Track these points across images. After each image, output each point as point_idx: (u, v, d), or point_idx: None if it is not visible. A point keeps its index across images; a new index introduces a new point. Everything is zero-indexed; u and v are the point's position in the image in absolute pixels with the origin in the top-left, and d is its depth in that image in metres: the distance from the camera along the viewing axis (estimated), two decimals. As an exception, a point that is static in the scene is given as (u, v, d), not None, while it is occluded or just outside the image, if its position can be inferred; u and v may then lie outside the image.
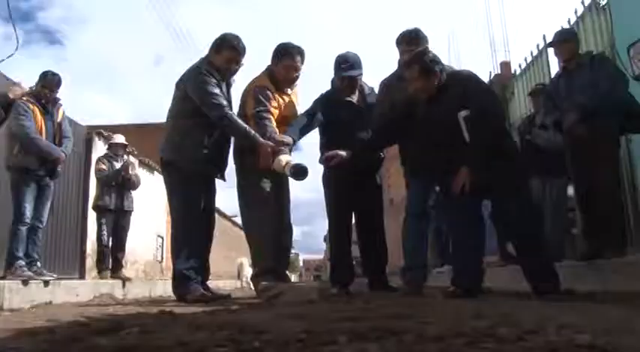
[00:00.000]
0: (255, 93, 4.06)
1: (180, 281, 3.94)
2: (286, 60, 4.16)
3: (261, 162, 3.83)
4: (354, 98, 4.38)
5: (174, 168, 4.03)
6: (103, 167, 6.85)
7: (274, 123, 4.00)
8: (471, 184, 3.21)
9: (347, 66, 4.24)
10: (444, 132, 3.34)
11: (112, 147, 7.20)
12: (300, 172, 3.64)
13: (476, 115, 3.23)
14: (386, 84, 4.22)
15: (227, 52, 3.99)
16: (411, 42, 3.98)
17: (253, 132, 3.87)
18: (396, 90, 3.89)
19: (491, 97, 3.54)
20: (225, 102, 3.91)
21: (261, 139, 3.84)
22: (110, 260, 6.70)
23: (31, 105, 4.90)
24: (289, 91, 4.28)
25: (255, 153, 3.88)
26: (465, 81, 3.40)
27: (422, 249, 4.09)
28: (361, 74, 4.34)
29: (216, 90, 3.87)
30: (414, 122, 3.55)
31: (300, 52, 4.19)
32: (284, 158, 3.75)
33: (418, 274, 4.02)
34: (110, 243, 6.68)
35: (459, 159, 3.27)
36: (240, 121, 3.90)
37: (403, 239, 4.09)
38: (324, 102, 4.33)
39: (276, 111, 4.07)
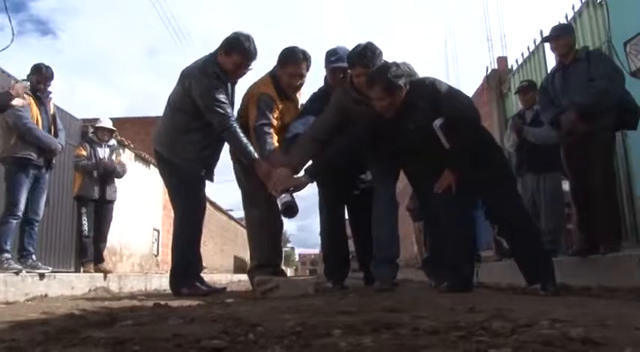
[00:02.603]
0: (258, 102, 3.90)
1: (177, 275, 3.94)
2: (291, 67, 3.96)
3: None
4: None
5: (171, 166, 3.98)
6: (83, 153, 6.38)
7: (275, 138, 3.87)
8: (456, 184, 3.26)
9: (336, 58, 4.04)
10: (418, 143, 3.32)
11: (98, 131, 6.65)
12: (288, 211, 3.51)
13: (453, 121, 3.22)
14: (343, 106, 3.78)
15: (237, 55, 3.80)
16: (367, 62, 3.57)
17: (251, 148, 3.74)
18: (355, 114, 3.66)
19: (463, 99, 3.47)
20: (229, 112, 3.78)
21: (258, 158, 3.70)
22: (92, 251, 6.41)
23: (27, 97, 4.88)
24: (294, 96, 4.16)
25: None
26: (431, 89, 3.33)
27: (395, 240, 3.93)
28: None
29: (222, 97, 3.72)
30: (381, 136, 3.50)
31: (306, 58, 3.99)
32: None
33: (393, 268, 3.90)
34: (92, 234, 6.36)
35: (437, 166, 3.31)
36: (241, 134, 3.75)
37: (378, 230, 3.90)
38: (316, 101, 4.16)
39: (277, 122, 3.92)
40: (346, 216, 4.56)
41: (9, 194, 4.80)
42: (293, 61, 3.96)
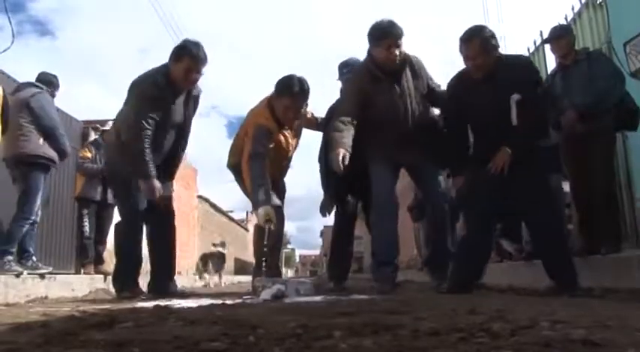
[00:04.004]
0: (255, 132, 3.89)
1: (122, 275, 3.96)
2: (285, 100, 3.89)
3: None
4: None
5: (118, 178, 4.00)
6: (88, 155, 6.42)
7: (267, 163, 3.86)
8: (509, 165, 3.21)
9: (348, 70, 4.12)
10: (493, 114, 3.25)
11: (105, 135, 6.49)
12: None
13: (538, 100, 3.30)
14: (360, 88, 3.74)
15: (187, 60, 3.73)
16: (399, 34, 3.53)
17: (151, 169, 3.70)
18: (373, 92, 3.66)
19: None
20: (148, 133, 3.67)
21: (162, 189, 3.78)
22: (93, 252, 6.44)
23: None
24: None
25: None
26: (530, 68, 3.45)
27: (394, 241, 3.87)
28: None
29: (149, 121, 3.65)
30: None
31: (302, 90, 3.90)
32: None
33: (392, 270, 3.84)
34: (93, 235, 6.42)
35: (499, 143, 3.24)
36: (147, 161, 3.68)
37: (377, 230, 3.90)
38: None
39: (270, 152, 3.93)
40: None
41: (28, 197, 4.71)
42: (288, 94, 3.88)
